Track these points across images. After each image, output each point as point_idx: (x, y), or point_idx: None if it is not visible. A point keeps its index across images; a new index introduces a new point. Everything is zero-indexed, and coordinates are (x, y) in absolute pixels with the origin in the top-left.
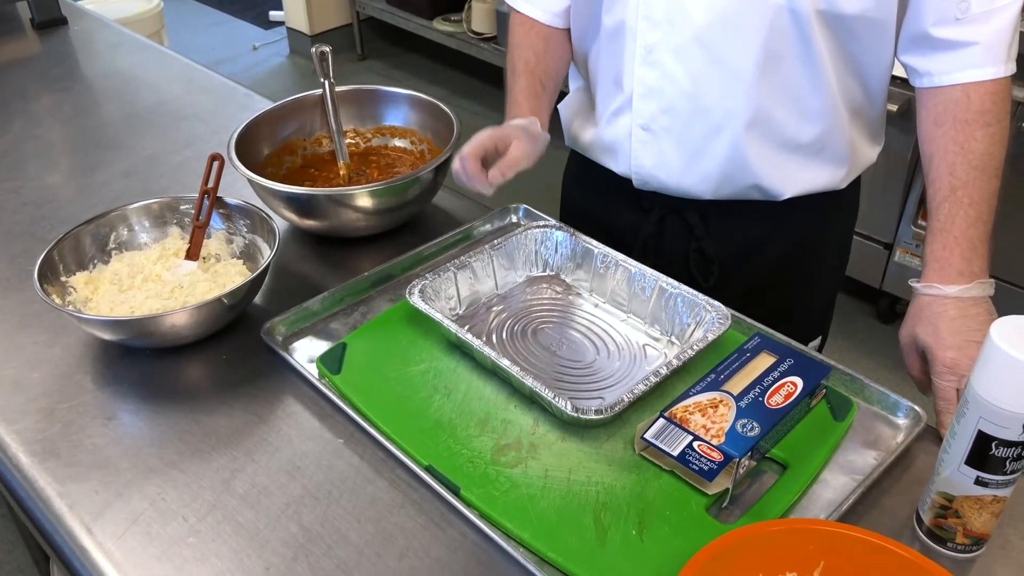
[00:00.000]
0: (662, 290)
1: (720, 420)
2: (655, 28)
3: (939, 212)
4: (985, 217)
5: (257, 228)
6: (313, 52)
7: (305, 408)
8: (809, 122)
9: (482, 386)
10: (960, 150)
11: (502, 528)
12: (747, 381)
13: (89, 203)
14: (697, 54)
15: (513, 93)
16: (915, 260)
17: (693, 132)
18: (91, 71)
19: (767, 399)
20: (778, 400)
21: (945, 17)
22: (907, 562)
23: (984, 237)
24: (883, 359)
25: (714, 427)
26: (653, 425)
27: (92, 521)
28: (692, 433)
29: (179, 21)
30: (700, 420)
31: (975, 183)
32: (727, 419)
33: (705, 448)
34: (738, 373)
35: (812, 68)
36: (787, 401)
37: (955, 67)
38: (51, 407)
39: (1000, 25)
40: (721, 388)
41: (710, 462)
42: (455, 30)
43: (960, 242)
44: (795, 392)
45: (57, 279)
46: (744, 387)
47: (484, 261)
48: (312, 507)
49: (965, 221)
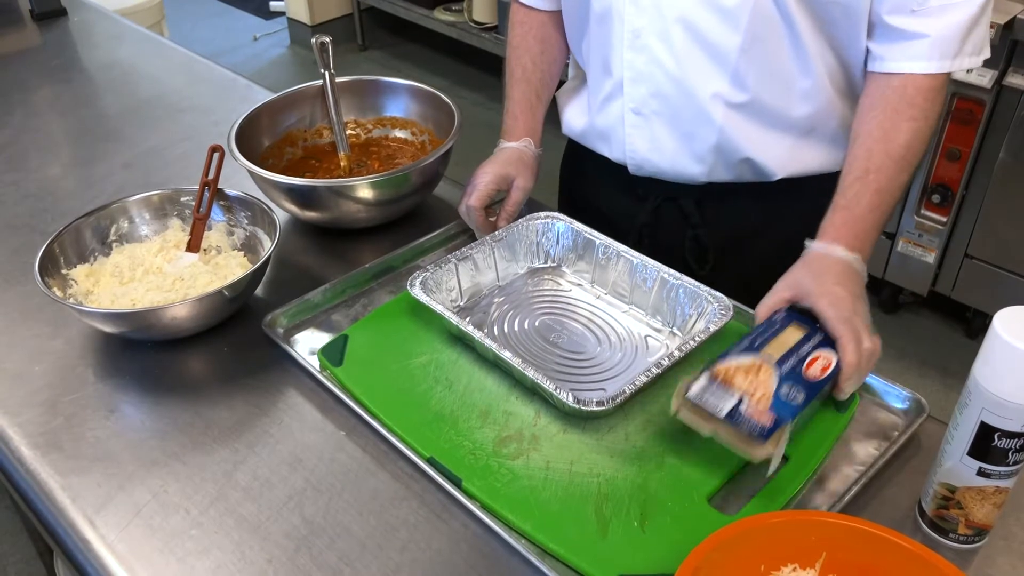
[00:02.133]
0: (664, 281)
1: (763, 386)
2: (641, 12)
3: (848, 191)
4: (885, 207)
5: (258, 220)
6: (313, 43)
7: (307, 400)
8: (799, 103)
9: (484, 378)
10: (883, 137)
11: (504, 520)
12: (784, 349)
13: (89, 195)
14: (682, 37)
15: (510, 104)
16: (918, 250)
17: (683, 115)
18: (91, 62)
19: (805, 369)
20: (815, 373)
21: (901, 7)
22: (909, 553)
23: (878, 225)
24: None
25: (757, 391)
26: (696, 382)
27: (94, 514)
28: (739, 391)
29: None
30: (743, 381)
31: (886, 172)
32: (769, 385)
33: (753, 410)
34: (773, 341)
35: (798, 51)
36: (823, 375)
37: (902, 56)
38: (53, 400)
39: (953, 20)
40: (761, 352)
41: (760, 425)
42: (456, 20)
43: (858, 222)
44: (830, 367)
45: (58, 272)
46: (783, 354)
47: (485, 252)
48: (314, 499)
49: (868, 206)
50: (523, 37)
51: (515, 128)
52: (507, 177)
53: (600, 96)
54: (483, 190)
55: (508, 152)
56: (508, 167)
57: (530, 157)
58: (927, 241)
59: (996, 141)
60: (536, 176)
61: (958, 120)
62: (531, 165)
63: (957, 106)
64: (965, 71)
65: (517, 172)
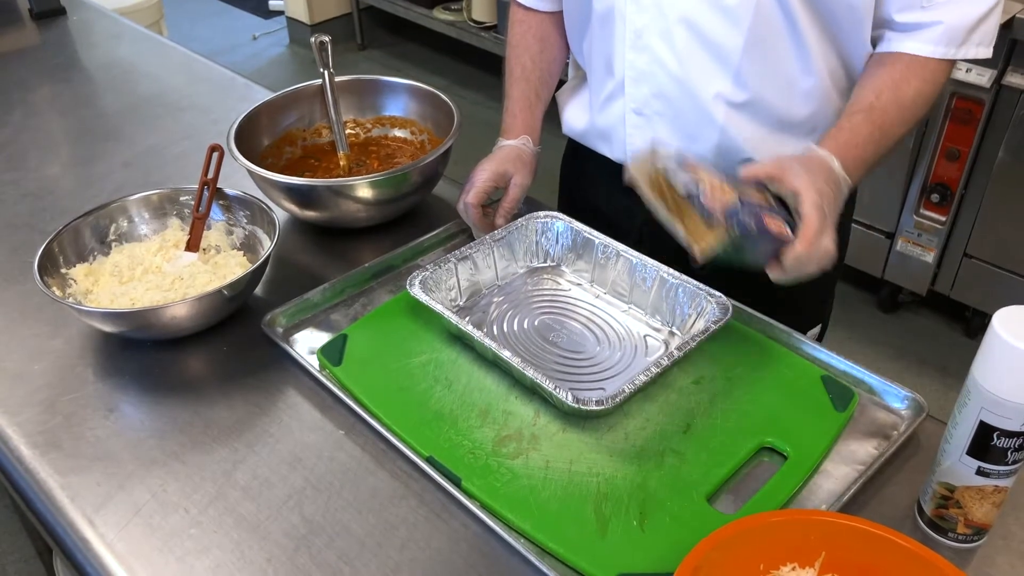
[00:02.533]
0: (663, 281)
1: (723, 195)
2: (643, 12)
3: (852, 118)
4: (880, 149)
5: (257, 219)
6: (313, 42)
7: (306, 400)
8: (800, 103)
9: (483, 377)
10: (893, 86)
11: (503, 519)
12: (755, 198)
13: (89, 194)
14: (684, 37)
15: (509, 102)
16: (917, 249)
17: (685, 115)
18: (90, 62)
19: (763, 216)
20: (770, 225)
21: (911, 4)
22: (909, 553)
23: (872, 160)
24: (885, 349)
25: (717, 194)
26: (670, 159)
27: (94, 513)
28: (703, 184)
29: (178, 11)
30: (708, 181)
31: (891, 113)
32: (729, 199)
33: (708, 200)
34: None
35: (800, 51)
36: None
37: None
38: (52, 399)
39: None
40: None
41: (710, 211)
42: (455, 19)
43: (856, 148)
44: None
45: (57, 271)
46: (749, 198)
47: (485, 252)
48: (313, 498)
49: (868, 138)
50: (522, 36)
51: (514, 126)
52: (505, 175)
53: (601, 96)
54: (480, 187)
55: (506, 150)
56: (506, 164)
57: (528, 155)
58: (926, 240)
59: (995, 140)
60: (534, 174)
61: (957, 119)
62: (529, 163)
63: (956, 105)
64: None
65: (515, 170)
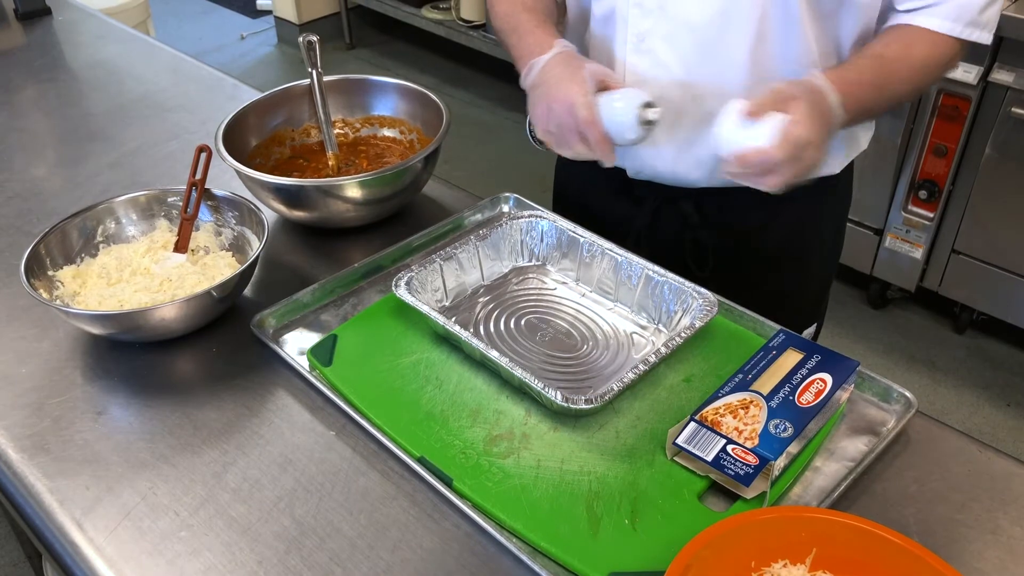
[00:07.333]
0: (648, 278)
1: (752, 422)
2: (647, 16)
3: (860, 61)
4: (882, 100)
5: (246, 220)
6: (301, 41)
7: (296, 401)
8: None
9: (473, 377)
10: (904, 45)
11: (495, 519)
12: (776, 380)
13: (76, 196)
14: (689, 41)
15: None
16: (905, 245)
17: (686, 119)
18: (76, 62)
19: (798, 398)
20: (809, 398)
21: None
22: (899, 548)
23: (870, 107)
24: (874, 344)
25: (747, 429)
26: (684, 430)
27: (83, 516)
28: (725, 436)
29: (165, 10)
30: (732, 422)
31: (899, 68)
32: (759, 420)
33: (739, 452)
34: (766, 372)
35: (804, 54)
36: (818, 399)
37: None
38: (40, 402)
39: None
40: (750, 388)
41: (745, 466)
42: (444, 18)
43: (859, 88)
44: (825, 389)
45: (44, 273)
46: (773, 386)
47: (470, 252)
48: (304, 500)
49: (871, 85)
50: None
51: (543, 41)
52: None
53: None
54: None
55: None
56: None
57: (574, 51)
58: (914, 237)
59: (982, 137)
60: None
61: (944, 116)
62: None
63: (943, 102)
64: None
65: (582, 63)
